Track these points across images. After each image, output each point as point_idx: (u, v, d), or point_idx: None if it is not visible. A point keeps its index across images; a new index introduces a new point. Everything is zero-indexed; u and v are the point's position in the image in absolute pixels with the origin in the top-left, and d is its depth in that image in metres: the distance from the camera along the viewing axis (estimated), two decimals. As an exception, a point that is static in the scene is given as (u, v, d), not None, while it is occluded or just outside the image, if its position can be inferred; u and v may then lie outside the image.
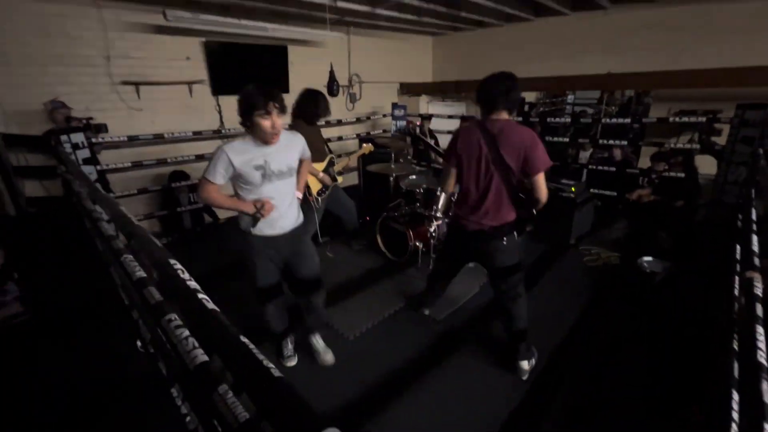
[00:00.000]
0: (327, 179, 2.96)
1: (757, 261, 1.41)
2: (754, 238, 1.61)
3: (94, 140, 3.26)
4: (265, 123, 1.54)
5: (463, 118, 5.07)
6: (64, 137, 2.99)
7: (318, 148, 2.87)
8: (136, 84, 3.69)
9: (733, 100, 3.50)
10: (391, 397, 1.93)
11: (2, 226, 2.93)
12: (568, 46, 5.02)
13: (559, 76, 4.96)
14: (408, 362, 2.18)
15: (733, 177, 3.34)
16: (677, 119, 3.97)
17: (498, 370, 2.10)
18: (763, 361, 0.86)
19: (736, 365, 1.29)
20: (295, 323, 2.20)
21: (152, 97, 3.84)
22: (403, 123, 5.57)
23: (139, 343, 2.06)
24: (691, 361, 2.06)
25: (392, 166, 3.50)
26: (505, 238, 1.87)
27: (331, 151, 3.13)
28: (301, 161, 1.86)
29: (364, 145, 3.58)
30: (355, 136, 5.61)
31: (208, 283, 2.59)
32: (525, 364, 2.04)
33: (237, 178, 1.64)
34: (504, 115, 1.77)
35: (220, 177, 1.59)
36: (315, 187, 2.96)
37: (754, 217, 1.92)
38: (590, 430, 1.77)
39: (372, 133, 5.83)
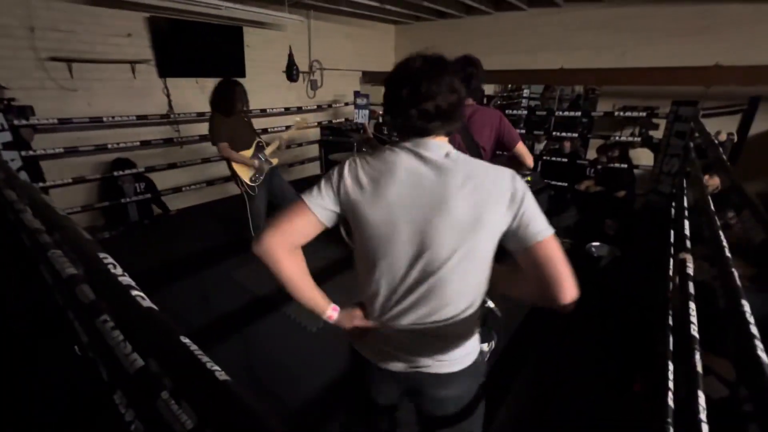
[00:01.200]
0: (257, 164, 2.88)
1: (689, 244, 1.55)
2: (686, 223, 1.76)
3: (16, 122, 2.90)
4: None
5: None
6: (-22, 118, 2.63)
7: (242, 138, 2.83)
8: (68, 61, 3.30)
9: (669, 97, 3.80)
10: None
11: None
12: (525, 41, 5.19)
13: (516, 69, 5.12)
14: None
15: (668, 168, 3.64)
16: (621, 114, 4.26)
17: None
18: (696, 335, 0.94)
19: (671, 339, 1.41)
20: None
21: (88, 77, 3.47)
22: (366, 111, 5.49)
23: (76, 348, 1.90)
24: (635, 337, 2.25)
25: (355, 154, 3.44)
26: None
27: (259, 137, 3.01)
28: None
29: (296, 119, 3.44)
30: (316, 124, 5.46)
31: (156, 280, 2.45)
32: (484, 347, 2.11)
33: None
34: (470, 101, 1.80)
35: None
36: (245, 174, 2.86)
37: (686, 204, 2.11)
38: (551, 408, 1.88)
39: (334, 121, 5.70)
